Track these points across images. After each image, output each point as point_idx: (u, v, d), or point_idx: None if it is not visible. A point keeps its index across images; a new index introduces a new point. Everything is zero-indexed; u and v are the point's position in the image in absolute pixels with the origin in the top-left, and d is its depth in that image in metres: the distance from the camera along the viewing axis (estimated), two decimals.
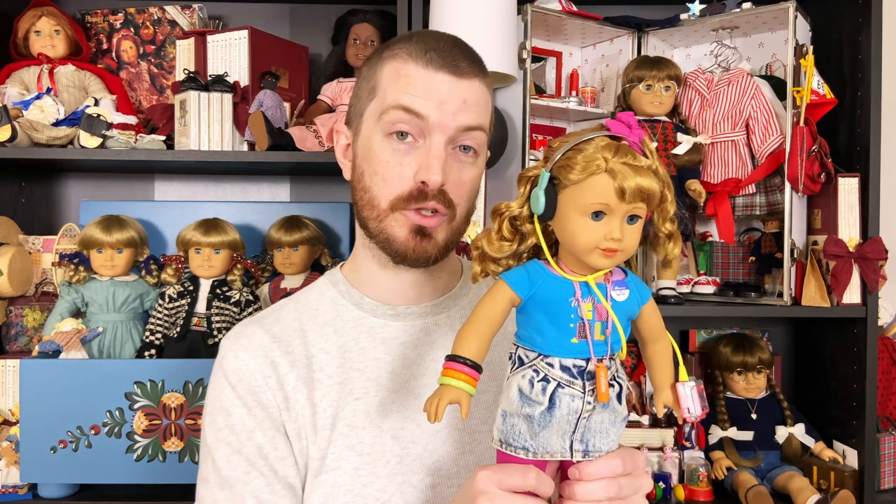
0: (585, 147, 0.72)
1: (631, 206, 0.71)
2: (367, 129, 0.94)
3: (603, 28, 1.80)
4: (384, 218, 0.92)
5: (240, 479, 0.92)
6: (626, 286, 0.76)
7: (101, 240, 1.63)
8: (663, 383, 0.80)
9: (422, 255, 0.92)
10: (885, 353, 1.74)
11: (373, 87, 0.94)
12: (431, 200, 0.90)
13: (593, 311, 0.74)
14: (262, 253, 1.82)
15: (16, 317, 1.75)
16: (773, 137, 1.65)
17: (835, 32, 1.72)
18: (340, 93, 1.76)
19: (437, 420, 0.73)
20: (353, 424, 0.93)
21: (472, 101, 0.91)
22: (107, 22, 1.86)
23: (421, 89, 0.90)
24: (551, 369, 0.74)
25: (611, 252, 0.72)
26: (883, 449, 1.66)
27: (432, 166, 0.89)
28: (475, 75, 0.92)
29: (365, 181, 0.94)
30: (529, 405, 0.75)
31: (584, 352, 0.74)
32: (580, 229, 0.72)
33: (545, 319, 0.75)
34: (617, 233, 0.71)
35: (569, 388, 0.74)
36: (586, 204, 0.71)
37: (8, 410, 1.60)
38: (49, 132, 1.59)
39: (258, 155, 1.61)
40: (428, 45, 0.91)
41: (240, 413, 0.93)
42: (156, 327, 1.63)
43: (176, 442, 1.48)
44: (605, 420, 0.77)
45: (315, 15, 1.95)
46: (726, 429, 1.69)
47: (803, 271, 1.64)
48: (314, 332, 0.97)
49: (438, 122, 0.89)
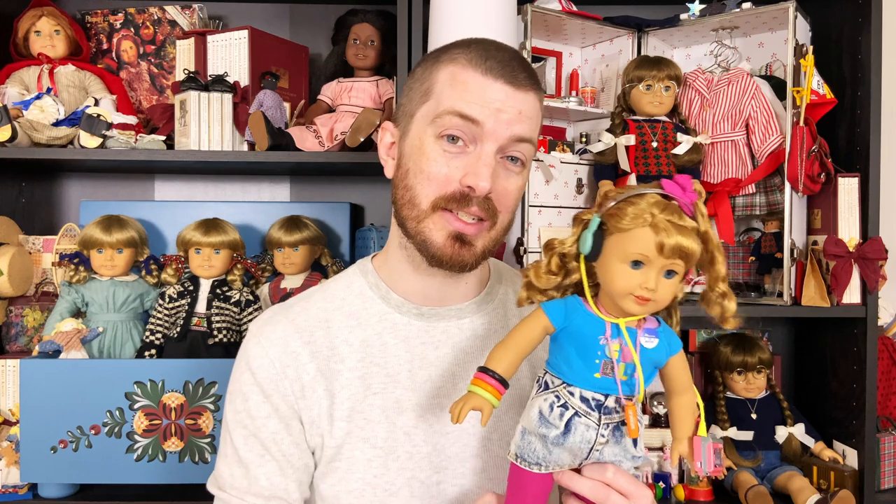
0: (638, 201, 0.79)
1: (669, 261, 0.78)
2: (417, 129, 0.95)
3: (603, 28, 1.80)
4: (423, 219, 0.93)
5: (254, 461, 0.97)
6: (656, 335, 0.82)
7: (101, 240, 1.63)
8: (681, 435, 0.86)
9: (458, 262, 0.93)
10: (885, 353, 1.74)
11: (427, 90, 0.95)
12: (475, 206, 0.91)
13: (620, 351, 0.80)
14: (262, 253, 1.82)
15: (16, 317, 1.75)
16: (773, 137, 1.65)
17: (835, 32, 1.72)
18: (340, 93, 1.76)
19: (458, 422, 0.81)
20: (369, 418, 0.96)
21: (527, 114, 0.93)
22: (107, 22, 1.86)
23: (478, 96, 0.90)
24: (571, 398, 0.81)
25: (643, 300, 0.78)
26: (883, 449, 1.66)
27: (481, 173, 0.89)
28: (531, 89, 0.94)
29: (409, 179, 0.94)
30: (546, 427, 0.81)
31: (605, 387, 0.80)
32: (619, 275, 0.79)
33: (574, 351, 0.81)
34: (652, 283, 0.78)
35: (585, 419, 0.81)
36: (628, 252, 0.78)
37: (8, 410, 1.60)
38: (49, 132, 1.59)
39: (258, 155, 1.61)
40: (488, 54, 0.92)
41: (257, 399, 0.97)
42: (156, 327, 1.63)
43: (176, 442, 1.48)
44: (618, 454, 0.83)
45: (315, 15, 1.95)
46: (726, 429, 1.68)
47: (803, 271, 1.64)
48: (339, 322, 1.00)
49: (493, 129, 0.90)
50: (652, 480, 1.63)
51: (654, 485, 1.62)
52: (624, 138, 1.68)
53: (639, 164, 1.68)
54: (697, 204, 0.80)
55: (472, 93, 0.90)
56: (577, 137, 1.87)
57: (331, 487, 0.96)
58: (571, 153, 1.78)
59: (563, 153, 1.74)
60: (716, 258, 0.82)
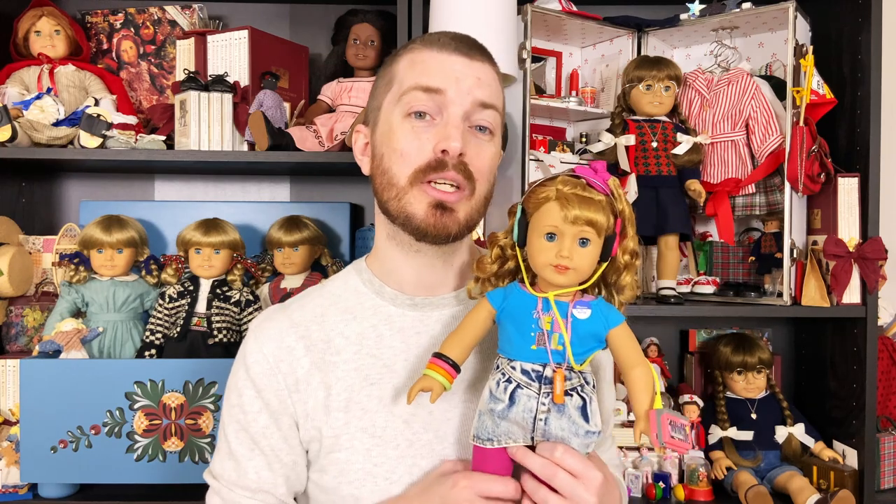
0: (550, 182, 0.87)
1: (577, 228, 0.84)
2: (385, 115, 0.98)
3: (603, 28, 1.80)
4: (403, 196, 0.95)
5: (244, 455, 1.00)
6: (588, 307, 0.87)
7: (102, 240, 1.63)
8: (639, 411, 0.88)
9: (443, 231, 0.94)
10: (885, 353, 1.74)
11: (389, 80, 0.99)
12: (451, 170, 0.93)
13: (552, 323, 0.86)
14: (263, 253, 1.82)
15: (16, 317, 1.76)
16: (773, 137, 1.65)
17: (835, 32, 1.72)
18: (340, 93, 1.76)
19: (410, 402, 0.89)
20: (366, 408, 0.97)
21: (486, 81, 0.97)
22: (107, 22, 1.86)
23: (436, 69, 0.95)
24: (514, 372, 0.87)
25: (562, 269, 0.84)
26: (883, 449, 1.66)
27: (451, 134, 0.93)
28: (486, 61, 0.99)
29: (384, 163, 0.97)
30: (494, 402, 0.88)
31: (542, 357, 0.86)
32: (538, 249, 0.86)
33: (513, 328, 0.88)
34: (566, 251, 0.84)
35: (526, 389, 0.86)
36: (541, 226, 0.86)
37: (8, 410, 1.60)
38: (49, 132, 1.59)
39: (258, 155, 1.61)
40: (441, 35, 0.99)
41: (250, 395, 1.00)
42: (156, 327, 1.63)
43: (176, 442, 1.48)
44: (566, 429, 0.86)
45: (315, 15, 1.95)
46: (726, 429, 1.69)
47: (803, 271, 1.64)
48: (335, 317, 1.02)
49: (455, 96, 0.94)
50: (652, 480, 1.63)
51: (654, 485, 1.62)
52: (624, 138, 1.68)
53: (639, 164, 1.69)
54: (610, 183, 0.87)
55: (431, 67, 0.95)
56: (577, 137, 1.88)
57: (332, 479, 0.97)
58: (571, 153, 1.78)
59: (563, 153, 1.74)
60: (627, 232, 0.88)
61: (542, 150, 1.70)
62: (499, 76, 1.01)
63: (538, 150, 1.69)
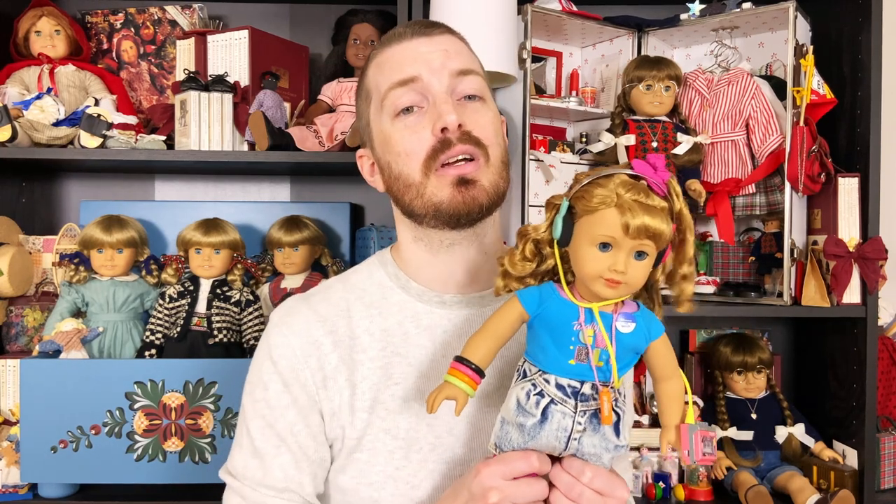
0: (606, 182, 0.77)
1: (636, 241, 0.75)
2: (376, 127, 0.97)
3: (603, 28, 1.80)
4: (423, 189, 0.92)
5: (269, 452, 0.96)
6: (633, 319, 0.79)
7: (102, 240, 1.63)
8: (669, 423, 0.83)
9: (474, 205, 0.91)
10: (885, 353, 1.74)
11: (367, 94, 0.99)
12: (458, 144, 0.91)
13: (594, 337, 0.77)
14: (263, 253, 1.82)
15: (16, 317, 1.75)
16: (773, 137, 1.65)
17: (835, 32, 1.72)
18: (340, 93, 1.76)
19: (432, 412, 0.80)
20: (390, 409, 0.94)
21: (454, 50, 0.96)
22: (107, 22, 1.86)
23: (403, 60, 0.94)
24: (547, 385, 0.79)
25: (614, 283, 0.76)
26: (883, 449, 1.66)
27: (443, 110, 0.90)
28: (446, 32, 0.98)
29: (393, 169, 0.95)
30: (524, 415, 0.79)
31: (580, 374, 0.78)
32: (588, 258, 0.77)
33: (548, 338, 0.79)
34: (621, 265, 0.75)
35: (561, 406, 0.78)
36: (595, 234, 0.76)
37: (8, 410, 1.60)
38: (49, 132, 1.59)
39: (258, 155, 1.61)
40: (395, 29, 0.99)
41: (276, 389, 0.96)
42: (156, 327, 1.63)
43: (176, 442, 1.48)
44: (598, 445, 0.80)
45: (315, 15, 1.95)
46: (726, 429, 1.69)
47: (803, 271, 1.64)
48: (360, 312, 0.98)
49: (430, 75, 0.92)
50: (652, 480, 1.63)
51: (654, 485, 1.62)
52: (624, 138, 1.68)
53: None
54: (670, 182, 0.78)
55: (397, 60, 0.94)
56: (577, 137, 1.88)
57: (350, 480, 0.94)
58: (571, 153, 1.78)
59: (563, 153, 1.74)
60: (686, 239, 0.81)
61: (542, 150, 1.70)
62: (464, 42, 0.99)
63: (538, 150, 1.69)
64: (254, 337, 1.63)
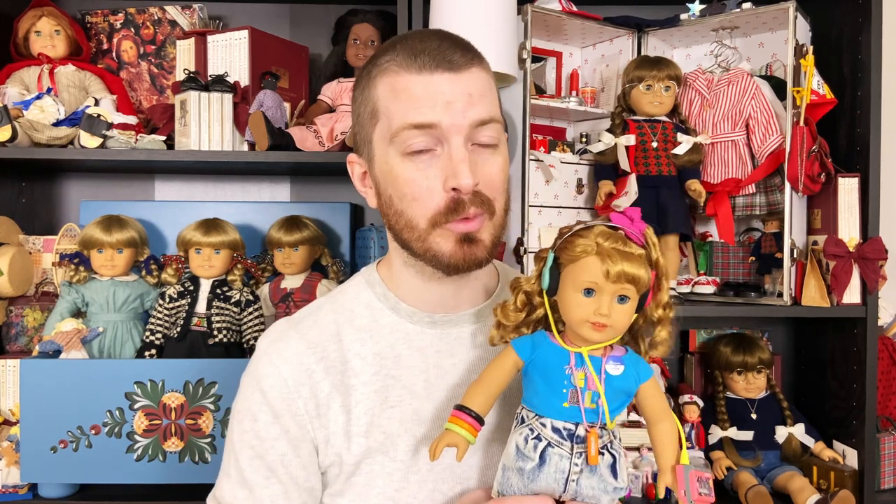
0: (587, 233, 0.83)
1: (618, 286, 0.81)
2: (380, 153, 0.92)
3: (603, 28, 1.80)
4: (427, 237, 0.90)
5: (259, 483, 0.94)
6: (622, 362, 0.84)
7: (102, 240, 1.63)
8: (665, 465, 0.86)
9: (473, 262, 0.91)
10: (885, 353, 1.74)
11: (373, 111, 0.92)
12: (470, 207, 0.88)
13: (585, 380, 0.82)
14: (263, 253, 1.82)
15: (16, 317, 1.76)
16: (773, 137, 1.65)
17: (835, 32, 1.72)
18: (340, 93, 1.76)
19: (434, 459, 0.84)
20: (387, 432, 0.93)
21: (478, 93, 0.89)
22: (107, 22, 1.86)
23: (423, 98, 0.87)
24: (544, 429, 0.83)
25: (599, 326, 0.81)
26: (883, 449, 1.66)
27: (460, 171, 0.86)
28: (472, 64, 0.90)
29: (396, 205, 0.92)
30: (522, 460, 0.83)
31: (574, 416, 0.83)
32: (574, 304, 0.82)
33: (542, 383, 0.84)
34: (605, 309, 0.81)
35: (558, 448, 0.83)
36: (579, 281, 0.82)
37: (8, 410, 1.60)
38: (49, 132, 1.59)
39: (258, 155, 1.61)
40: (416, 49, 0.88)
41: (266, 420, 0.94)
42: (156, 327, 1.63)
43: (176, 442, 1.48)
44: (596, 487, 0.84)
45: (315, 15, 1.95)
46: (726, 429, 1.69)
47: (803, 271, 1.64)
48: (350, 335, 0.97)
49: (451, 124, 0.87)
50: (652, 480, 1.63)
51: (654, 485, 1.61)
52: (624, 138, 1.68)
53: (639, 164, 1.69)
54: (647, 233, 0.84)
55: (416, 97, 0.87)
56: (577, 137, 1.88)
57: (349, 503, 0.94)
58: (571, 153, 1.78)
59: (563, 153, 1.74)
60: (662, 285, 0.85)
61: (542, 150, 1.70)
62: (488, 74, 0.93)
63: (538, 150, 1.69)
64: (253, 337, 1.63)
